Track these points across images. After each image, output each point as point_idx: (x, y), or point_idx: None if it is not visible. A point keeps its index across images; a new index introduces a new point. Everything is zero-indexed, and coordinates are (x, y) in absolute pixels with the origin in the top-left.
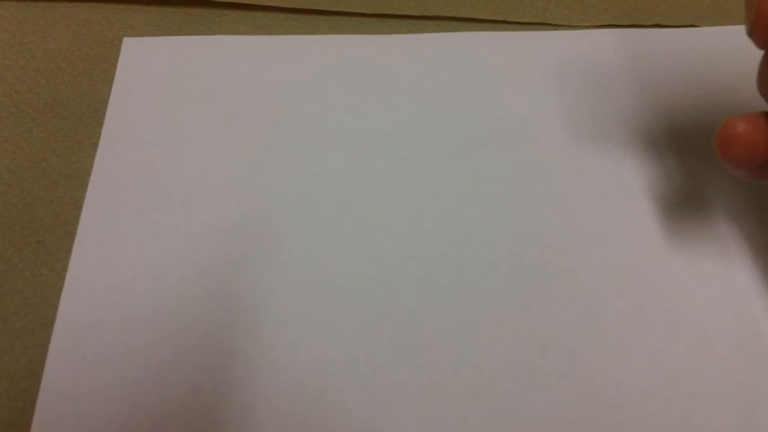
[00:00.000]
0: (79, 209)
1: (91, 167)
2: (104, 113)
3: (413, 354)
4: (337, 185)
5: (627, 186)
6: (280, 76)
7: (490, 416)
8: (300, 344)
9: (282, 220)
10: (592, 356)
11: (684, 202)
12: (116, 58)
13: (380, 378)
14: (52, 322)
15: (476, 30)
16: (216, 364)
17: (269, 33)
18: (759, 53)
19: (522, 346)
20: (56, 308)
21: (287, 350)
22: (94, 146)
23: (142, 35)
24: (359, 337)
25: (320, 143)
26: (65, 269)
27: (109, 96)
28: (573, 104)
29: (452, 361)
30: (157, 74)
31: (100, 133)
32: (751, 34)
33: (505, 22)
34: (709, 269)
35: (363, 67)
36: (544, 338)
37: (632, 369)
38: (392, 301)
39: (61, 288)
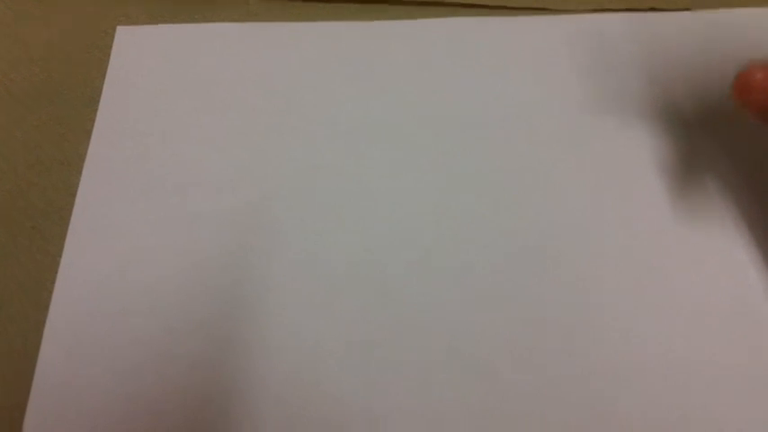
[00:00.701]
0: (73, 195)
1: (85, 154)
2: (98, 101)
3: (410, 335)
4: (333, 173)
5: (625, 168)
6: (274, 64)
7: (487, 395)
8: (298, 329)
9: (278, 208)
10: (589, 335)
11: (683, 183)
12: (110, 47)
13: (378, 360)
14: (47, 306)
15: (473, 15)
16: (212, 348)
17: (263, 20)
18: (757, 39)
19: (520, 326)
20: (51, 292)
21: (284, 335)
22: (88, 133)
23: (136, 23)
24: (357, 321)
25: (316, 131)
26: (59, 254)
27: (103, 85)
28: (569, 88)
29: (449, 341)
30: (151, 62)
31: (94, 121)
32: None
33: (503, 7)
34: (708, 249)
35: (359, 53)
36: (541, 318)
37: (629, 347)
38: (390, 286)
39: (56, 272)
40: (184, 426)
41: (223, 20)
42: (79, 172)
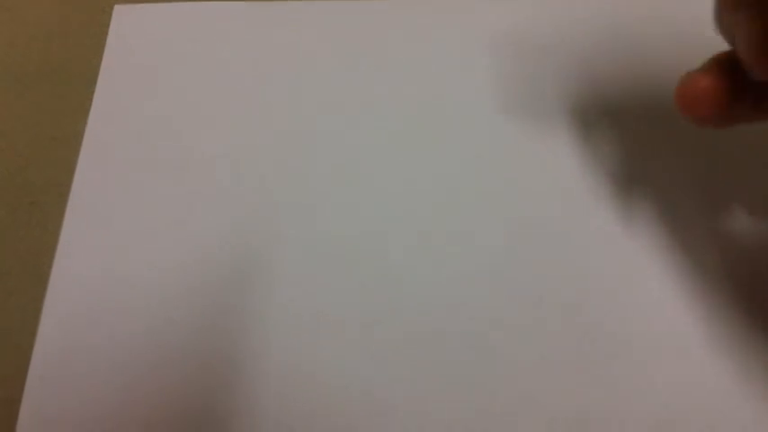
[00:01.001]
0: (72, 171)
1: (83, 131)
2: (96, 79)
3: (407, 309)
4: (333, 152)
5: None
6: (274, 43)
7: (485, 368)
8: (296, 302)
9: (276, 185)
10: (586, 310)
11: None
12: (108, 25)
13: (375, 334)
14: (46, 281)
15: None
16: (209, 322)
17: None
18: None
19: (517, 301)
20: (49, 267)
21: (281, 309)
22: (87, 111)
23: (134, 2)
24: (354, 295)
25: (316, 110)
26: (58, 229)
27: (101, 63)
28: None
29: (447, 315)
30: (149, 40)
31: (92, 99)
32: None
33: None
34: (701, 229)
35: (359, 31)
36: (539, 293)
37: (626, 321)
38: (387, 260)
39: (55, 247)
40: (183, 391)
41: None
42: (78, 149)
